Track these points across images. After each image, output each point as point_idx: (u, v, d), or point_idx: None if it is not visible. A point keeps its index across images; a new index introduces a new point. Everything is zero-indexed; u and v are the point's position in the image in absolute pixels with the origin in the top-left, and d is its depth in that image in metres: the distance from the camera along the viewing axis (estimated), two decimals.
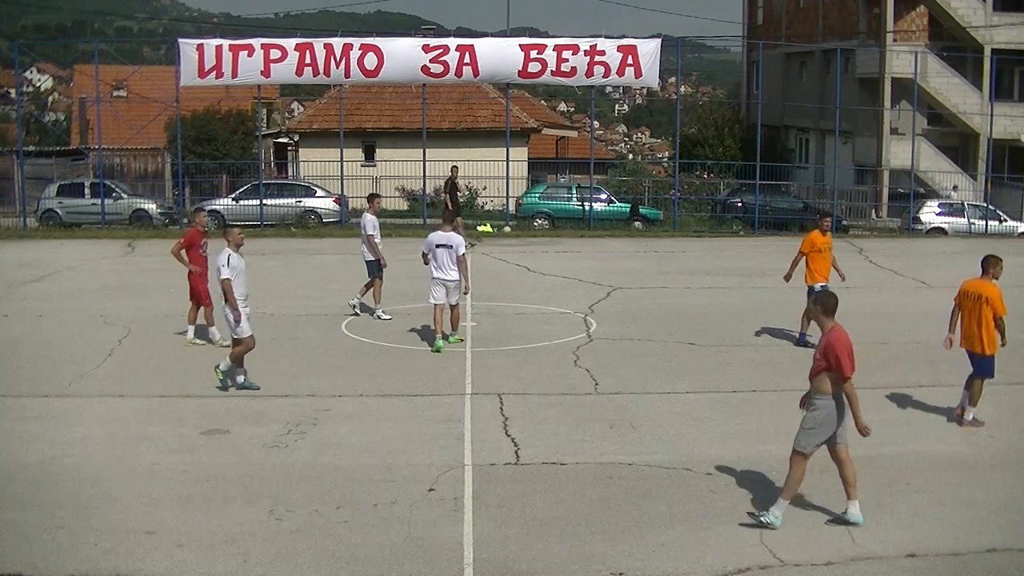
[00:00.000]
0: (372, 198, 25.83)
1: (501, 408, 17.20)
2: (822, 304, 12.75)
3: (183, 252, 21.86)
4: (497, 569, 11.33)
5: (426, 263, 21.72)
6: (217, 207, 44.55)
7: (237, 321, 18.05)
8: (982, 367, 16.59)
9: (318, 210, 44.96)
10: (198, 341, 21.96)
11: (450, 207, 38.73)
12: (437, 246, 21.43)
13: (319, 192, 45.89)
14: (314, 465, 14.51)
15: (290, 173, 62.47)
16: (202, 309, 22.01)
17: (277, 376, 19.22)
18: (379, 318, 24.14)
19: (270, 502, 13.07)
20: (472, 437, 15.69)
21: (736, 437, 15.95)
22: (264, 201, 42.83)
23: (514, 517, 12.74)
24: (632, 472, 14.36)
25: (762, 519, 12.35)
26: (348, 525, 12.41)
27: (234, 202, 44.50)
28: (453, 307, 21.72)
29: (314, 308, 25.02)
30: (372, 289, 24.59)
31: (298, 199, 45.20)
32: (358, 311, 24.65)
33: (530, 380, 19.05)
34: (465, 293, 21.95)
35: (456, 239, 21.49)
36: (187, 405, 17.46)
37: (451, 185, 41.81)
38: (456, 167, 42.55)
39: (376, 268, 24.53)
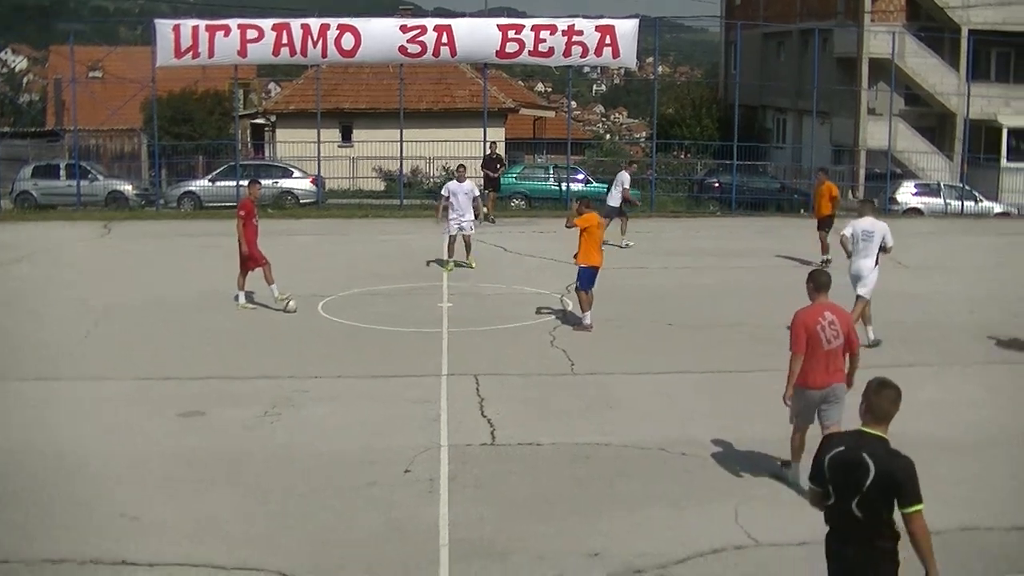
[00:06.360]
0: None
1: (477, 389, 17.21)
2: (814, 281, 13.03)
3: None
4: (473, 549, 11.36)
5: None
6: (194, 188, 44.48)
7: None
8: None
9: (295, 191, 44.83)
10: (249, 305, 23.25)
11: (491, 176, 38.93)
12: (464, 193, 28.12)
13: (296, 173, 45.76)
14: (292, 447, 14.52)
15: (267, 154, 62.34)
16: (258, 271, 23.39)
17: (254, 358, 19.23)
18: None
19: (250, 485, 13.08)
20: (448, 418, 15.70)
21: (711, 417, 16.00)
22: (241, 182, 42.63)
23: (490, 497, 12.77)
24: (608, 452, 14.40)
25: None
26: (327, 507, 12.42)
27: (211, 183, 44.39)
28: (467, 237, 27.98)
29: (291, 289, 24.86)
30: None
31: (275, 180, 44.99)
32: None
33: (506, 361, 19.07)
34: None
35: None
36: (164, 387, 17.42)
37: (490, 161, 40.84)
38: (495, 143, 42.17)
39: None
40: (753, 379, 17.81)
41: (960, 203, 45.91)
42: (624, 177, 33.13)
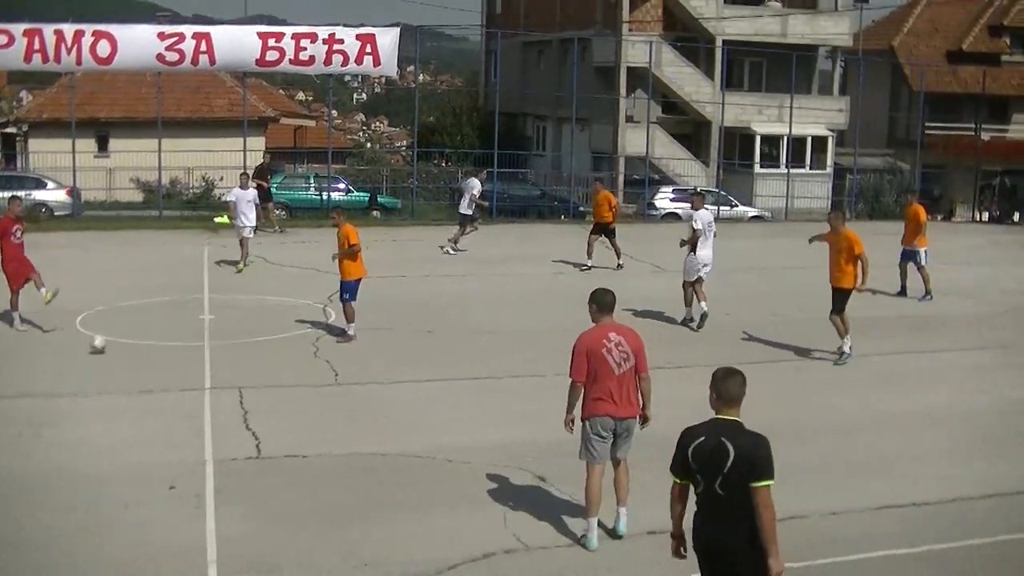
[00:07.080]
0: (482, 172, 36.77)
1: (241, 402, 17.05)
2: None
3: None
4: (243, 564, 11.25)
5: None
6: None
7: None
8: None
9: (49, 203, 43.53)
10: (22, 327, 22.02)
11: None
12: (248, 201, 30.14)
13: (50, 184, 44.46)
14: (52, 467, 14.12)
15: (19, 164, 60.59)
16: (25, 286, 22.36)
17: (10, 376, 18.63)
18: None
19: (13, 509, 12.68)
20: (213, 432, 15.52)
21: (479, 423, 16.20)
22: None
23: (258, 511, 12.68)
24: (376, 462, 14.43)
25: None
26: (93, 528, 12.14)
27: None
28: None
29: (48, 305, 24.25)
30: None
31: (28, 192, 43.59)
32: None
33: (270, 373, 18.94)
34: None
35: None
36: None
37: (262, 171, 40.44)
38: (267, 153, 42.49)
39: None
40: (517, 384, 18.10)
41: (716, 208, 47.16)
42: (474, 184, 33.98)
